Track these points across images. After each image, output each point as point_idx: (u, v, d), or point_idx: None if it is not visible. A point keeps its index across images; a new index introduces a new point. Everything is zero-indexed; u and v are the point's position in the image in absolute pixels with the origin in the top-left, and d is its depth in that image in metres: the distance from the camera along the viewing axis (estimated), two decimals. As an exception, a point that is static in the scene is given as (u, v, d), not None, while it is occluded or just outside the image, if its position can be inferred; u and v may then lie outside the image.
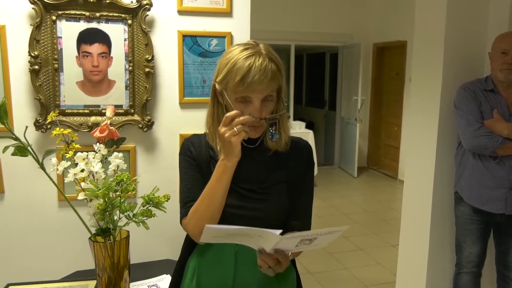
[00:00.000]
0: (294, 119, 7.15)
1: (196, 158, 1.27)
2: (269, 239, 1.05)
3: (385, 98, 7.38)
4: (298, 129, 6.42)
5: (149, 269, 1.85)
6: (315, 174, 5.64)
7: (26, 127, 1.46)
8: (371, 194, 6.26)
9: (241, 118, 1.11)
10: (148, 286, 1.71)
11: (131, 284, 1.68)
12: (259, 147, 1.26)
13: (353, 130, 7.00)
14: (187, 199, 1.27)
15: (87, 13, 1.87)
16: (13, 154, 1.37)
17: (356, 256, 3.99)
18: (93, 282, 1.67)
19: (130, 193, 1.43)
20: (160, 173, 2.02)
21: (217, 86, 1.20)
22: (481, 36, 2.52)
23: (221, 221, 1.22)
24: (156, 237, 1.96)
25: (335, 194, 6.12)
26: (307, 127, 6.85)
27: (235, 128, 1.10)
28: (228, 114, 1.12)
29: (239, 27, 2.07)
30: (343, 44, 7.36)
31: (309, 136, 6.24)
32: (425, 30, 2.60)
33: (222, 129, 1.12)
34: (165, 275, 1.77)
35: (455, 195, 2.46)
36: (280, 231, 1.02)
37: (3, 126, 1.41)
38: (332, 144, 8.00)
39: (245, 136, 1.13)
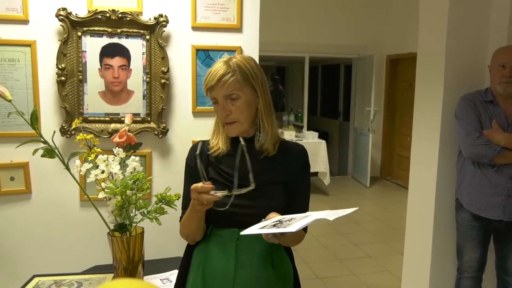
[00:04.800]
0: (308, 129, 7.26)
1: (194, 166, 1.43)
2: (291, 227, 1.14)
3: (398, 109, 7.44)
4: (311, 139, 6.52)
5: (162, 265, 2.00)
6: (327, 184, 5.68)
7: (54, 132, 1.62)
8: (383, 204, 6.31)
9: (209, 197, 1.23)
10: (161, 279, 1.86)
11: (145, 277, 1.82)
12: (255, 150, 1.39)
13: (366, 140, 7.08)
14: (183, 205, 1.48)
15: (109, 29, 2.04)
16: (42, 156, 1.54)
17: (364, 263, 4.07)
18: (111, 275, 1.82)
19: (145, 191, 1.58)
20: (173, 176, 2.16)
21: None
22: (482, 49, 2.62)
23: (216, 217, 1.38)
24: (168, 237, 2.10)
25: (348, 203, 6.18)
26: (322, 137, 6.94)
27: (205, 201, 1.25)
28: (204, 186, 1.24)
29: (248, 41, 2.22)
30: (357, 56, 7.47)
31: (321, 146, 6.34)
32: (427, 44, 2.71)
33: (194, 195, 1.26)
34: (176, 270, 1.91)
35: (456, 201, 2.55)
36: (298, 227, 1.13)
37: (33, 131, 1.58)
38: (346, 154, 8.07)
39: (209, 206, 1.27)
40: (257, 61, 2.24)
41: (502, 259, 2.46)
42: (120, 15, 2.03)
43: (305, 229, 1.43)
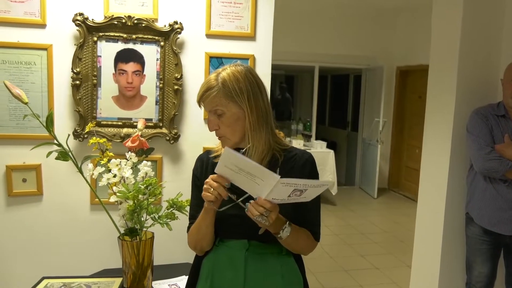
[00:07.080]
0: (317, 139, 7.25)
1: (200, 176, 1.44)
2: (268, 180, 1.12)
3: (407, 120, 7.42)
4: (320, 148, 6.51)
5: (171, 271, 2.00)
6: (334, 194, 5.65)
7: (68, 135, 1.64)
8: (390, 215, 6.28)
9: (219, 187, 1.21)
10: (169, 285, 1.86)
11: (153, 283, 1.82)
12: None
13: (374, 151, 7.05)
14: (190, 216, 1.47)
15: (125, 35, 2.07)
16: (56, 158, 1.56)
17: (371, 275, 4.04)
18: (119, 279, 1.82)
19: (156, 196, 1.59)
20: (184, 182, 2.17)
21: None
22: (494, 62, 2.61)
23: (225, 228, 1.37)
24: (178, 243, 2.10)
25: (355, 214, 6.16)
26: (330, 147, 6.93)
27: (212, 189, 1.22)
28: (223, 178, 1.22)
29: (261, 50, 2.23)
30: (367, 66, 7.48)
31: (329, 156, 6.32)
32: (439, 56, 2.71)
33: (209, 180, 1.24)
34: (184, 276, 1.91)
35: (466, 215, 2.53)
36: (279, 176, 1.10)
37: (47, 134, 1.60)
38: (354, 165, 8.04)
39: (214, 198, 1.23)
40: (269, 70, 2.27)
41: (511, 274, 2.44)
42: (135, 21, 2.05)
43: (317, 238, 1.42)
